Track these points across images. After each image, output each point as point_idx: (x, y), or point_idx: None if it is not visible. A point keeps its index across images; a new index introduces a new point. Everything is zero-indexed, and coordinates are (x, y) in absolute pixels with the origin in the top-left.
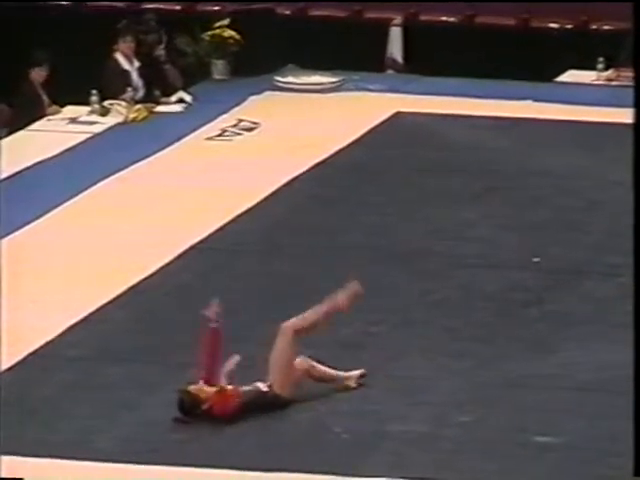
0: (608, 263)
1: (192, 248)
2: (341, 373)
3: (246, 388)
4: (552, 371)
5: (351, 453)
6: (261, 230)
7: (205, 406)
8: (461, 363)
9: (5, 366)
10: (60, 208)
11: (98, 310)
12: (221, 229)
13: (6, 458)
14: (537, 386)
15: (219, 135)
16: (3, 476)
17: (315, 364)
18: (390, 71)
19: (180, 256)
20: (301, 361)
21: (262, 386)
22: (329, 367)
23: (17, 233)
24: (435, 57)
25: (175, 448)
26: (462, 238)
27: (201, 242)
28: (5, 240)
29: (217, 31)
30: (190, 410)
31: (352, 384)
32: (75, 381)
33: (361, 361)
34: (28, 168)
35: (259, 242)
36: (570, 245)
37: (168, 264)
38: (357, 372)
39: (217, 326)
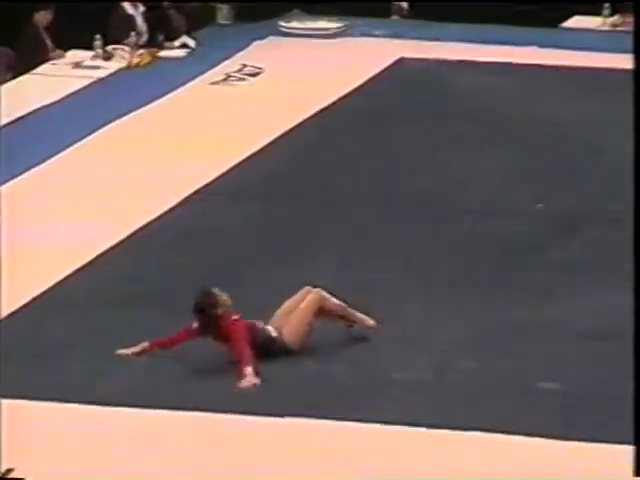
0: (610, 210)
1: (195, 193)
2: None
3: (258, 326)
4: (554, 318)
5: (354, 400)
6: (264, 176)
7: (220, 311)
8: (464, 310)
9: (9, 310)
10: (64, 152)
11: (102, 255)
12: (224, 175)
13: (8, 402)
14: (539, 333)
15: (223, 80)
16: (4, 419)
17: (328, 296)
18: (395, 17)
19: (183, 201)
20: (315, 292)
21: (272, 331)
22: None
23: (21, 177)
24: (440, 3)
25: (177, 392)
26: (465, 185)
27: (204, 187)
28: (8, 184)
29: None
30: (205, 308)
31: (370, 322)
32: (78, 325)
33: (365, 307)
34: (32, 112)
35: (262, 188)
36: (572, 192)
37: (171, 209)
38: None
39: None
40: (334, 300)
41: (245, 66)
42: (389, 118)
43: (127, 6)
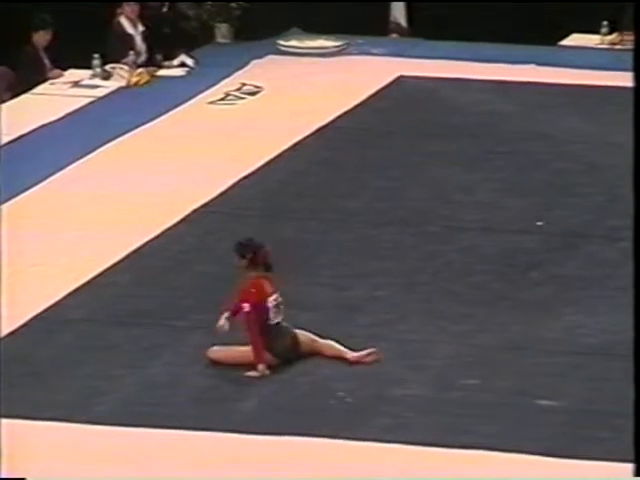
0: (609, 226)
1: (195, 212)
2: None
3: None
4: (554, 335)
5: (353, 416)
6: (264, 194)
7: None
8: (463, 327)
9: (10, 329)
10: (63, 171)
11: (101, 274)
12: (224, 193)
13: (7, 421)
14: (539, 350)
15: (222, 99)
16: (4, 439)
17: (316, 338)
18: (394, 35)
19: (183, 220)
20: (303, 335)
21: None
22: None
23: (20, 196)
24: (438, 21)
25: (176, 410)
26: (464, 201)
27: (204, 206)
28: (8, 204)
29: None
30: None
31: (367, 359)
32: (78, 343)
33: (363, 324)
34: (31, 132)
35: (262, 206)
36: (571, 209)
37: (171, 228)
38: (366, 352)
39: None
40: (322, 341)
41: (244, 85)
42: (388, 136)
43: (126, 25)
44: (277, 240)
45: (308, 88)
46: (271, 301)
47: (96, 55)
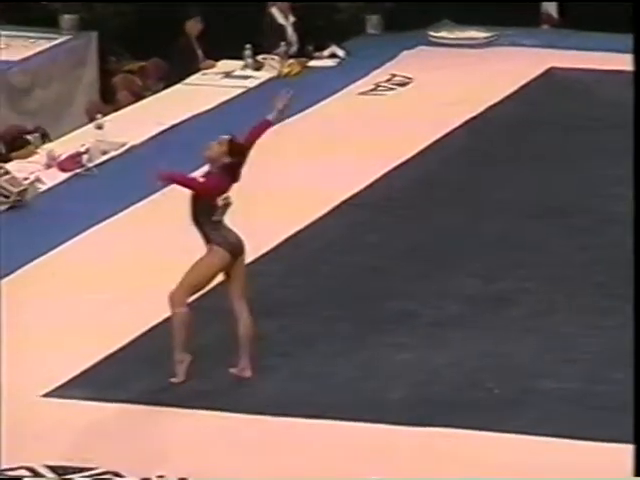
0: None
1: (344, 203)
2: None
3: None
4: None
5: (502, 409)
6: (413, 185)
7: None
8: (612, 320)
9: (161, 318)
10: None
11: (251, 263)
12: (373, 184)
13: (155, 408)
14: None
15: (372, 90)
16: (153, 426)
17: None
18: (545, 26)
19: (331, 211)
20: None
21: None
22: None
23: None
24: (591, 11)
25: (326, 400)
26: (614, 194)
27: (353, 197)
28: (164, 191)
29: None
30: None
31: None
32: (229, 333)
33: (511, 317)
34: (184, 121)
35: (410, 197)
36: None
37: (319, 219)
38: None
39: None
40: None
41: (394, 76)
42: (538, 128)
43: (278, 16)
44: (425, 231)
45: (458, 79)
46: (220, 200)
47: (248, 46)
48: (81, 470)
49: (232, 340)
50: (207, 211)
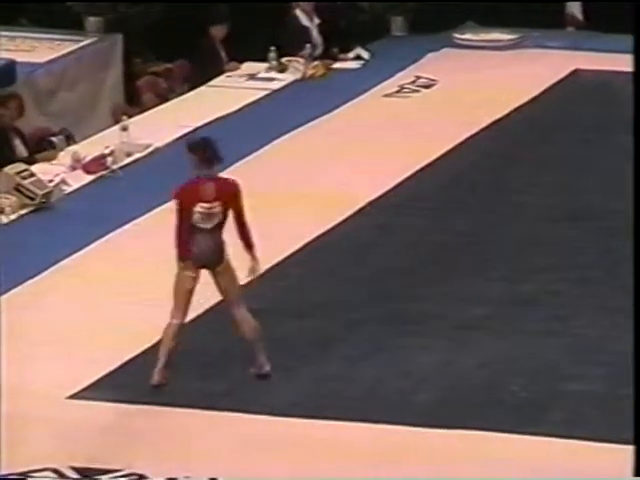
0: None
1: (369, 205)
2: None
3: None
4: None
5: (528, 411)
6: (438, 187)
7: None
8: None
9: (188, 319)
10: (237, 164)
11: (276, 265)
12: (398, 186)
13: (178, 410)
14: None
15: (397, 92)
16: (177, 428)
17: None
18: (570, 28)
19: (357, 213)
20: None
21: None
22: None
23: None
24: (616, 12)
25: (350, 403)
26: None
27: (378, 199)
28: None
29: None
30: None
31: None
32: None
33: (538, 319)
34: (208, 123)
35: (436, 199)
36: None
37: (345, 220)
38: None
39: None
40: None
41: (419, 78)
42: (563, 129)
43: (302, 18)
44: (451, 234)
45: (483, 81)
46: (199, 207)
47: (272, 48)
48: (107, 472)
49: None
50: (187, 218)
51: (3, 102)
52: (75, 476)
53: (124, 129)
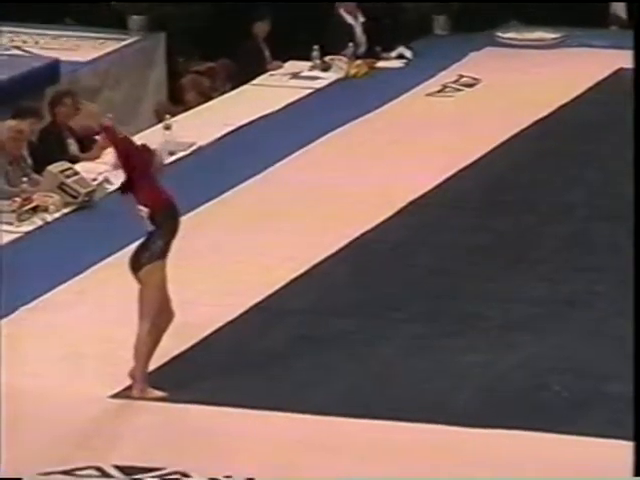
0: None
1: (411, 204)
2: None
3: None
4: None
5: (570, 411)
6: (481, 187)
7: None
8: None
9: (230, 318)
10: (281, 163)
11: (319, 264)
12: (441, 185)
13: (225, 409)
14: None
15: (440, 91)
16: (223, 428)
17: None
18: (613, 27)
19: (399, 212)
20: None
21: None
22: None
23: (240, 187)
24: None
25: (394, 403)
26: None
27: (420, 198)
28: (227, 194)
29: None
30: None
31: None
32: (296, 333)
33: (581, 319)
34: (251, 122)
35: (479, 199)
36: None
37: (387, 219)
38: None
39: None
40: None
41: (462, 77)
42: (607, 129)
43: (346, 16)
44: (493, 233)
45: (526, 80)
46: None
47: (315, 47)
48: (149, 470)
49: (299, 342)
50: None
51: (58, 99)
52: (118, 474)
53: (167, 128)
